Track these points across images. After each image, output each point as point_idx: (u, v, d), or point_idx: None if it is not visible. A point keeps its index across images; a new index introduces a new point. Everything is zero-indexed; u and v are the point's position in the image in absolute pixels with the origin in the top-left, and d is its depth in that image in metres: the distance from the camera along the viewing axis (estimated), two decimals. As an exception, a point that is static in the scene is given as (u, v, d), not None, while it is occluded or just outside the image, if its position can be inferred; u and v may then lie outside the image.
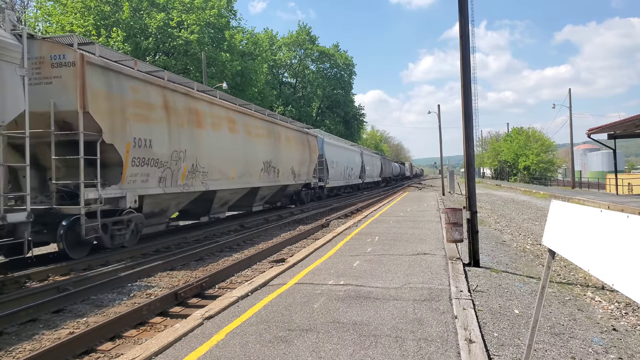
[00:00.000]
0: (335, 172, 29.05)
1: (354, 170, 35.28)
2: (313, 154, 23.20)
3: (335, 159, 29.00)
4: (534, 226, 14.23)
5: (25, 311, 5.52)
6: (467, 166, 7.70)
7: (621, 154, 48.15)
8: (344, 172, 32.00)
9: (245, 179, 15.01)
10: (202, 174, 12.21)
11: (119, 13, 28.13)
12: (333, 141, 31.28)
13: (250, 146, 15.29)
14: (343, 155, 31.73)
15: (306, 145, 22.10)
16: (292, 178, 19.84)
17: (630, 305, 5.51)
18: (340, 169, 30.36)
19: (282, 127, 19.20)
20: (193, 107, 11.86)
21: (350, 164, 33.71)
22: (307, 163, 22.01)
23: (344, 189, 34.73)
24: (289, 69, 58.23)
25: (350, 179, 34.00)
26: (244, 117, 15.13)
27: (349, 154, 34.14)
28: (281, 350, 3.76)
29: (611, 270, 2.33)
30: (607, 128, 23.25)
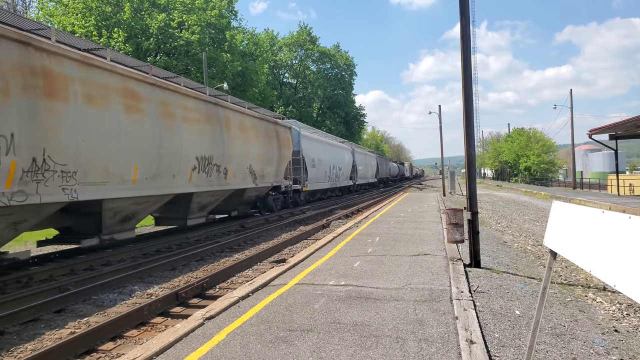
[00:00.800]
0: (317, 173, 24.64)
1: (342, 170, 31.14)
2: (284, 150, 18.56)
3: (317, 157, 24.65)
4: (535, 227, 14.22)
5: (27, 311, 5.53)
6: (468, 167, 7.70)
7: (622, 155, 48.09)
8: (330, 173, 27.57)
9: (162, 181, 10.28)
10: (63, 176, 7.68)
11: (120, 14, 28.17)
12: (314, 135, 26.47)
13: (172, 135, 10.53)
14: (328, 152, 27.35)
15: (273, 139, 17.34)
16: (251, 180, 15.18)
17: (632, 306, 5.50)
18: (323, 168, 25.92)
19: (233, 111, 14.19)
20: (39, 65, 7.22)
21: (338, 163, 29.54)
22: (275, 161, 17.42)
23: (331, 192, 30.32)
24: (290, 70, 58.26)
25: (337, 180, 29.76)
26: (159, 92, 10.20)
27: (335, 152, 29.70)
28: (282, 351, 3.76)
29: (613, 271, 2.33)
30: (608, 129, 23.22)
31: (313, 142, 24.76)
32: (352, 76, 63.24)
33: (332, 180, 28.25)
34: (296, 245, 10.90)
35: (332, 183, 28.52)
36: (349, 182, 33.57)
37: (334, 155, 28.97)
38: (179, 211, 12.26)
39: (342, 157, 31.17)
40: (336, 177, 29.39)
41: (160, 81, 10.46)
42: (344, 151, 32.49)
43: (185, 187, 11.28)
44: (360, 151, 40.30)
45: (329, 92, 58.45)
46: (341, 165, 30.77)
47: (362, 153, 40.28)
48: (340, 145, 32.31)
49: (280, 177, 18.43)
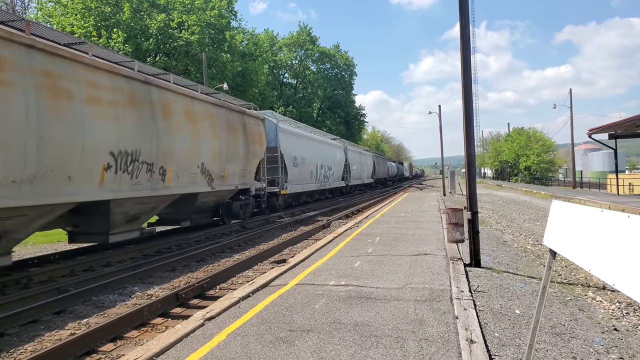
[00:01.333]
0: (301, 173, 21.47)
1: (333, 170, 27.82)
2: (255, 146, 15.25)
3: (301, 155, 21.50)
4: (535, 226, 14.22)
5: (27, 312, 5.53)
6: (468, 166, 7.70)
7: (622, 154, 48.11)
8: (317, 173, 24.30)
9: (48, 185, 7.26)
10: None
11: (120, 14, 28.18)
12: (297, 129, 23.02)
13: (65, 120, 7.55)
14: (314, 150, 24.13)
15: (238, 132, 14.07)
16: (205, 182, 12.05)
17: (631, 305, 5.51)
18: (308, 168, 22.72)
19: (176, 94, 10.93)
20: None
21: (327, 162, 26.45)
22: (240, 159, 14.15)
23: (320, 194, 27.10)
24: (290, 70, 58.27)
25: (327, 181, 26.50)
26: (40, 58, 7.15)
27: (324, 150, 26.49)
28: (282, 351, 3.76)
29: (612, 270, 2.33)
30: (608, 128, 23.23)
31: (294, 137, 21.37)
32: (352, 76, 63.27)
33: (319, 181, 24.92)
34: (296, 246, 10.90)
35: (320, 184, 25.18)
36: (340, 183, 30.54)
37: (323, 153, 25.84)
38: (95, 225, 9.11)
39: (332, 156, 28.14)
40: (325, 178, 26.09)
41: (43, 43, 7.26)
42: (334, 149, 29.31)
43: (94, 192, 8.25)
44: (354, 149, 36.73)
45: (329, 92, 58.47)
46: (331, 165, 27.50)
47: (355, 151, 36.87)
48: (330, 143, 29.28)
49: (249, 178, 15.09)
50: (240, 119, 14.49)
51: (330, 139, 30.94)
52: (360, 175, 37.89)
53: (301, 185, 21.81)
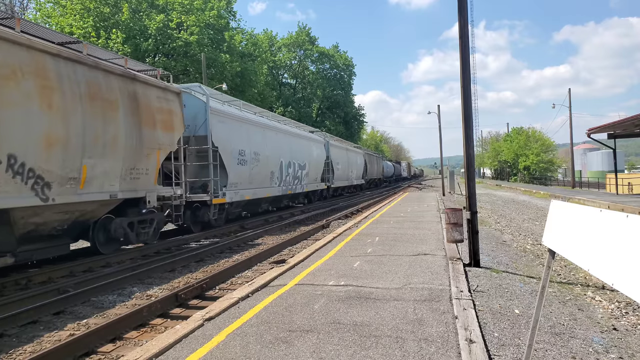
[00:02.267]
0: (251, 174, 15.69)
1: (308, 169, 22.41)
2: (158, 131, 10.30)
3: (252, 148, 15.66)
4: (534, 226, 14.23)
5: (26, 313, 5.52)
6: (467, 166, 7.71)
7: (621, 154, 48.19)
8: (281, 173, 18.76)
9: None
10: None
11: (119, 14, 28.18)
12: (244, 113, 16.45)
13: None
14: (276, 142, 18.26)
15: (119, 107, 9.04)
16: (27, 189, 6.99)
17: (630, 304, 5.51)
18: (266, 166, 17.06)
19: None
20: None
21: (299, 159, 21.06)
22: (121, 149, 9.13)
23: (289, 200, 21.45)
24: (289, 70, 58.28)
25: (297, 183, 20.98)
26: None
27: (294, 143, 20.56)
28: (282, 351, 3.76)
29: (611, 270, 2.33)
30: (607, 128, 23.25)
31: (239, 123, 15.09)
32: (351, 76, 63.30)
33: (286, 183, 19.39)
34: (296, 246, 10.90)
35: (287, 188, 19.48)
36: (319, 185, 25.00)
37: (292, 148, 20.17)
38: None
39: (307, 151, 22.52)
40: (295, 180, 20.57)
41: None
42: (310, 143, 23.47)
43: None
44: (339, 145, 31.32)
45: (328, 92, 58.48)
46: (305, 162, 22.07)
47: (341, 147, 31.27)
48: (304, 135, 22.99)
49: (144, 181, 9.90)
50: (125, 88, 9.25)
51: (307, 131, 25.09)
52: (348, 176, 32.65)
53: (252, 190, 15.73)
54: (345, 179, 31.71)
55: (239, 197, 14.79)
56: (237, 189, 14.71)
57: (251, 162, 15.71)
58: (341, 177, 30.46)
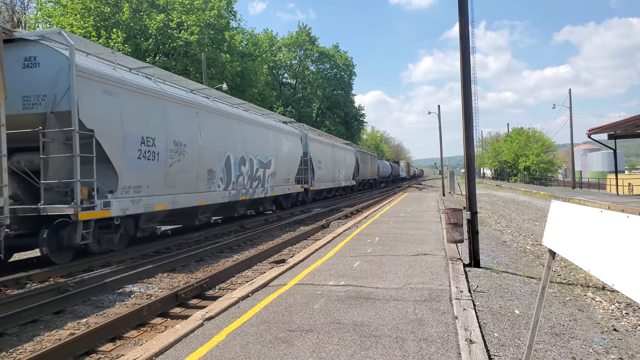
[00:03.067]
0: (172, 173, 11.02)
1: (275, 169, 17.67)
2: None
3: (177, 138, 11.19)
4: (535, 226, 14.23)
5: (26, 312, 5.53)
6: (467, 166, 7.71)
7: (621, 154, 48.19)
8: (235, 173, 14.36)
9: None
10: None
11: (119, 14, 28.18)
12: (155, 83, 11.06)
13: None
14: (223, 131, 13.77)
15: None
16: None
17: (630, 305, 5.51)
18: (203, 163, 12.40)
19: None
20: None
21: (262, 155, 16.49)
22: None
23: (249, 207, 16.41)
24: (289, 70, 58.29)
25: (260, 186, 16.37)
26: None
27: (254, 134, 16.00)
28: (282, 351, 3.76)
29: (611, 271, 2.33)
30: (607, 128, 23.25)
31: (142, 98, 10.16)
32: (351, 76, 63.32)
33: (238, 186, 14.46)
34: (296, 246, 10.90)
35: (239, 192, 14.54)
36: (293, 187, 20.14)
37: (249, 139, 15.28)
38: None
39: (274, 145, 17.68)
40: (254, 182, 15.72)
41: None
42: (279, 135, 18.51)
43: None
44: (322, 139, 26.15)
45: (328, 92, 58.49)
46: (271, 159, 17.12)
47: (324, 143, 26.20)
48: (268, 124, 17.59)
49: None
50: None
51: (278, 120, 19.95)
52: (334, 176, 27.90)
53: (171, 197, 10.89)
54: (330, 179, 26.99)
55: (142, 207, 9.88)
56: (139, 195, 9.84)
57: (169, 156, 10.55)
58: (324, 177, 25.36)
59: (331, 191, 29.37)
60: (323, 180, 25.32)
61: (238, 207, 15.61)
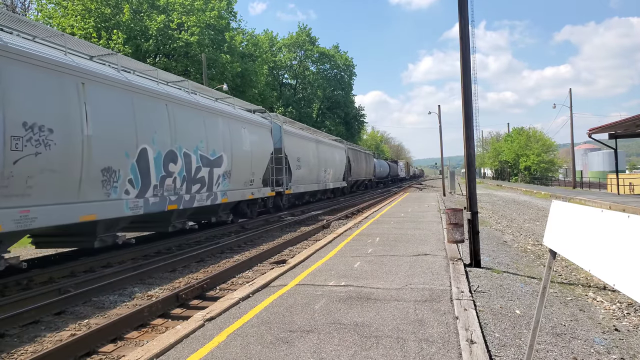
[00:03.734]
0: (51, 181, 7.38)
1: (229, 167, 13.59)
2: None
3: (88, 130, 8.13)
4: (535, 226, 14.22)
5: (27, 313, 5.53)
6: (468, 166, 7.71)
7: (622, 154, 48.13)
8: (158, 173, 10.20)
9: None
10: None
11: (120, 15, 28.20)
12: None
13: None
14: (129, 115, 9.43)
15: None
16: None
17: (632, 305, 5.50)
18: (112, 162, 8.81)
19: None
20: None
21: (206, 149, 12.30)
22: None
23: (184, 221, 11.92)
24: (289, 70, 58.30)
25: (205, 190, 12.26)
26: None
27: (190, 121, 11.73)
28: (282, 352, 3.76)
29: (612, 271, 2.33)
30: (608, 128, 23.23)
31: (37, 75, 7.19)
32: (351, 77, 63.31)
33: (165, 192, 10.54)
34: (296, 246, 10.90)
35: (164, 200, 10.46)
36: (260, 191, 15.91)
37: (182, 127, 11.30)
38: None
39: (229, 137, 13.66)
40: (195, 185, 11.80)
41: None
42: (237, 125, 14.37)
43: None
44: (301, 133, 22.09)
45: (328, 92, 58.50)
46: (221, 155, 13.12)
47: (306, 138, 22.53)
48: (216, 109, 13.30)
49: None
50: None
51: (235, 107, 15.35)
52: (319, 178, 24.12)
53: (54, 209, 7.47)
54: (313, 181, 23.11)
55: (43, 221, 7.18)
56: None
57: (12, 147, 6.79)
58: (306, 178, 21.62)
59: (316, 194, 25.38)
60: (304, 181, 21.44)
61: (174, 219, 11.36)
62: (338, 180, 28.99)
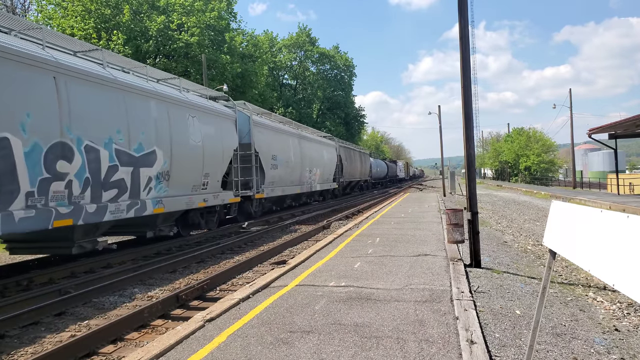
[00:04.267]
0: None
1: (174, 168, 10.62)
2: None
3: None
4: (535, 227, 14.22)
5: (27, 314, 5.53)
6: (468, 167, 7.71)
7: (622, 154, 48.14)
8: (82, 180, 7.91)
9: None
10: None
11: (120, 16, 28.21)
12: None
13: None
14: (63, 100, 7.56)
15: None
16: None
17: (632, 305, 5.50)
18: None
19: None
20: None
21: (152, 142, 9.87)
22: None
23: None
24: (290, 71, 58.32)
25: (128, 196, 9.11)
26: None
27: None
28: (282, 352, 3.76)
29: (612, 271, 2.33)
30: (608, 128, 23.22)
31: None
32: (351, 77, 63.34)
33: (49, 202, 7.28)
34: (297, 247, 10.90)
35: (44, 215, 7.09)
36: (219, 196, 12.99)
37: (83, 110, 8.09)
38: None
39: (167, 126, 10.56)
40: (110, 193, 8.67)
41: None
42: (182, 112, 11.35)
43: None
44: (277, 127, 18.80)
45: (328, 93, 58.52)
46: (153, 149, 10.03)
47: (284, 132, 19.43)
48: (147, 90, 10.03)
49: None
50: None
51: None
52: (302, 179, 21.10)
53: None
54: (295, 182, 20.16)
55: None
56: None
57: None
58: (284, 179, 18.60)
59: (300, 197, 22.08)
60: (282, 183, 18.43)
61: (78, 237, 8.38)
62: (327, 182, 26.03)
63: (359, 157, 37.00)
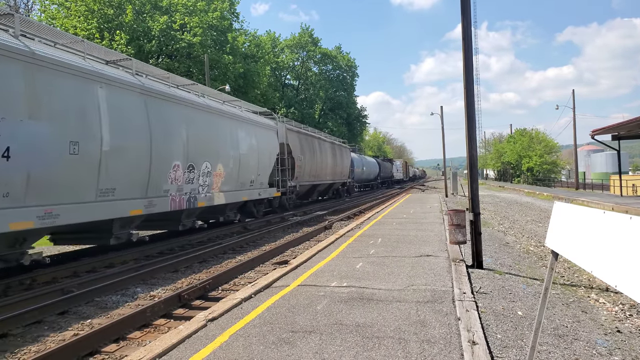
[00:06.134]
0: None
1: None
2: None
3: None
4: (538, 228, 14.19)
5: (30, 313, 5.56)
6: (470, 168, 7.70)
7: (625, 155, 47.98)
8: None
9: None
10: None
11: (122, 16, 28.28)
12: None
13: None
14: None
15: None
16: None
17: (634, 306, 5.49)
18: None
19: None
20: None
21: None
22: None
23: None
24: (292, 71, 58.33)
25: None
26: None
27: None
28: (284, 352, 3.77)
29: (614, 272, 2.33)
30: (611, 129, 23.16)
31: None
32: (353, 77, 63.29)
33: None
34: (298, 247, 10.91)
35: None
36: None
37: None
38: None
39: None
40: None
41: None
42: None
43: None
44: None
45: (330, 93, 58.50)
46: None
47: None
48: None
49: None
50: None
51: None
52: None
53: None
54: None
55: None
56: None
57: None
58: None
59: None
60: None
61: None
62: (246, 187, 14.61)
63: (329, 150, 26.24)
